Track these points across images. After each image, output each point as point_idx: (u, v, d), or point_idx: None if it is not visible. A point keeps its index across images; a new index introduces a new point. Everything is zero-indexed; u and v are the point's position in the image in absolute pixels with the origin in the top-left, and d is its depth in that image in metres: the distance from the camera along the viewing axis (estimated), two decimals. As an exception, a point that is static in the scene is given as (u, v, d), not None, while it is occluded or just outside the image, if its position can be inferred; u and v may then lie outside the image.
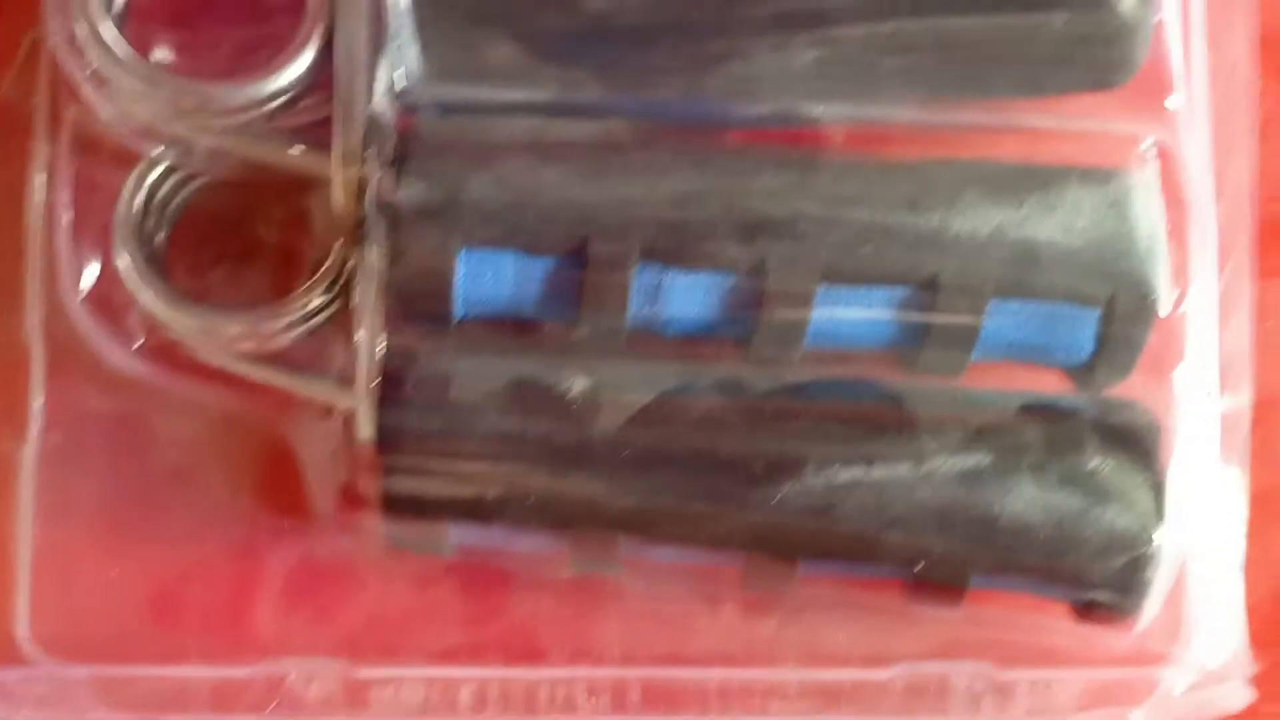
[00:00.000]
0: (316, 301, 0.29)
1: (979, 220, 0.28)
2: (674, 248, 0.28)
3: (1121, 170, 0.29)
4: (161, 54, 0.30)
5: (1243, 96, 0.32)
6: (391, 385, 0.29)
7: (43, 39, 0.30)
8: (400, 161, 0.28)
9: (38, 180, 0.30)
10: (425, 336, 0.29)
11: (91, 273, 0.30)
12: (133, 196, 0.29)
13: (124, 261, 0.29)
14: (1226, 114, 0.31)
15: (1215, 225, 0.30)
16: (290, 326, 0.30)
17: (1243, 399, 0.31)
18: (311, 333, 0.30)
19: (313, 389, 0.30)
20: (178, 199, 0.30)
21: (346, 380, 0.29)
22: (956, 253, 0.28)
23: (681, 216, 0.28)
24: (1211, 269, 0.30)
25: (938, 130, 0.30)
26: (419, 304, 0.28)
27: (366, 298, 0.28)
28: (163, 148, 0.29)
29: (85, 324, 0.29)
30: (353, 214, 0.29)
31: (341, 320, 0.30)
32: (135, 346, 0.29)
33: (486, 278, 0.28)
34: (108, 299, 0.29)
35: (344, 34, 0.28)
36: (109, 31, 0.28)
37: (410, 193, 0.28)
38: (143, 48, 0.30)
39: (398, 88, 0.29)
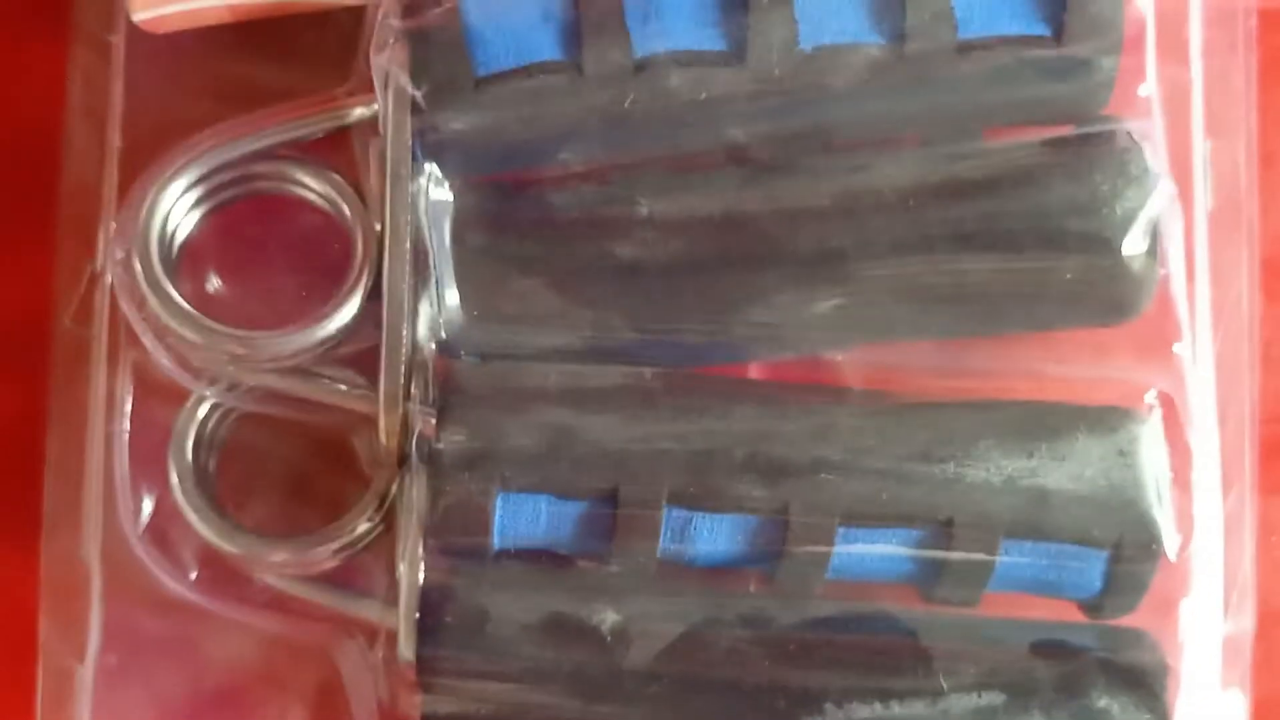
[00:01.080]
0: (361, 528, 0.31)
1: (991, 469, 0.30)
2: (701, 492, 0.30)
3: (1128, 418, 0.30)
4: (212, 286, 0.33)
5: (1245, 330, 0.33)
6: (431, 612, 0.30)
7: (102, 271, 0.32)
8: (441, 408, 0.30)
9: (95, 411, 0.32)
10: (464, 569, 0.30)
11: (149, 506, 0.31)
12: (185, 433, 0.31)
13: (178, 496, 0.31)
14: (1230, 348, 0.33)
15: (1219, 463, 0.32)
16: (336, 552, 0.31)
17: (1245, 621, 0.33)
18: (356, 555, 0.32)
19: (357, 609, 0.32)
20: (226, 432, 0.32)
21: (390, 602, 0.31)
22: (970, 499, 0.30)
23: (708, 464, 0.30)
24: (1216, 510, 0.31)
25: (953, 374, 0.32)
26: (458, 541, 0.30)
27: (408, 533, 0.30)
28: (212, 385, 0.31)
29: (143, 555, 0.31)
30: (396, 450, 0.31)
31: (385, 543, 0.32)
32: (191, 577, 0.31)
33: (522, 518, 0.30)
34: (164, 533, 0.31)
35: (391, 284, 0.30)
36: (163, 281, 0.30)
37: (451, 441, 0.29)
38: (196, 285, 0.32)
39: (439, 332, 0.31)
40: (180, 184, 0.31)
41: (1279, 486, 0.34)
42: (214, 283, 0.32)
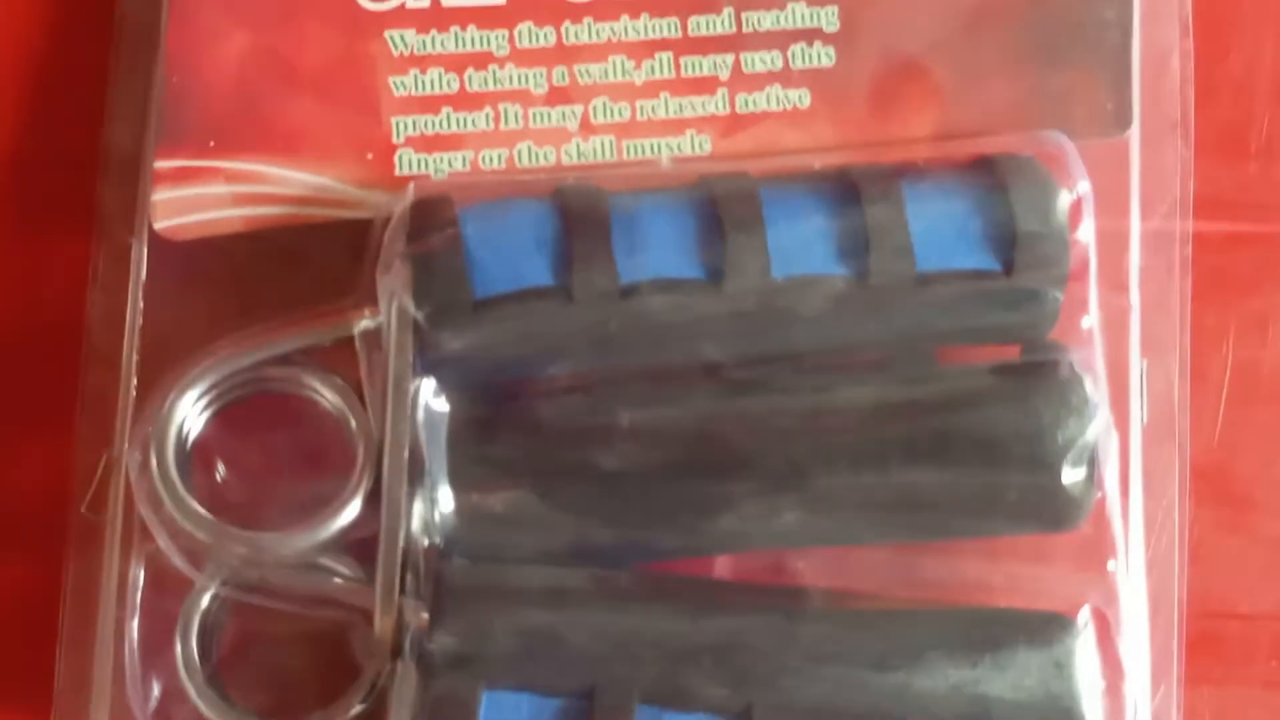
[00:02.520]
0: (354, 712, 0.33)
1: (939, 678, 0.32)
2: (670, 692, 0.32)
3: (1065, 631, 0.33)
4: (219, 475, 0.35)
5: (1176, 535, 0.36)
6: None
7: (117, 463, 0.34)
8: (433, 611, 0.32)
9: (108, 595, 0.34)
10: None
11: (157, 689, 0.33)
12: (190, 621, 0.33)
13: (184, 682, 0.33)
14: (1162, 553, 0.36)
15: (1149, 664, 0.35)
16: (331, 734, 0.34)
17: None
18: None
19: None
20: (230, 618, 0.34)
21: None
22: (919, 705, 0.32)
23: (677, 666, 0.32)
24: (1145, 711, 0.34)
25: (905, 580, 0.34)
26: (447, 731, 0.33)
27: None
28: (214, 577, 0.33)
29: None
30: (390, 642, 0.33)
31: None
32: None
33: (505, 713, 0.32)
34: (171, 715, 0.33)
35: (389, 493, 0.32)
36: (179, 488, 0.32)
37: (441, 643, 0.32)
38: (204, 475, 0.34)
39: (434, 532, 0.33)
40: (195, 391, 0.33)
41: (1205, 678, 0.37)
42: (221, 471, 0.35)
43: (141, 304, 0.35)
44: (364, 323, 0.34)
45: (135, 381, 0.34)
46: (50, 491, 0.35)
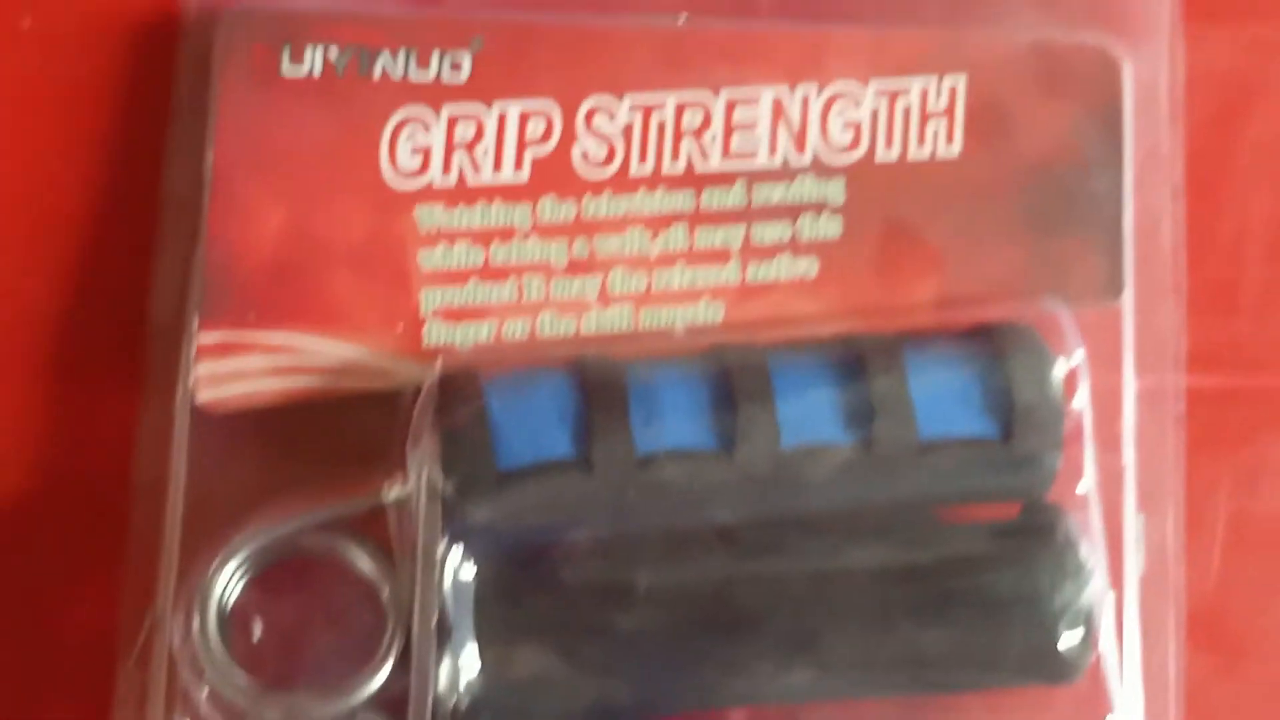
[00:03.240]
0: None
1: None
2: None
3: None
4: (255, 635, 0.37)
5: (1172, 687, 0.37)
6: None
7: (161, 623, 0.36)
8: (461, 774, 0.34)
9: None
10: None
11: None
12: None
13: None
14: (1158, 705, 0.37)
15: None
16: None
17: None
18: None
19: None
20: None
21: None
22: None
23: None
24: None
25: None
26: None
27: None
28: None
29: None
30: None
31: None
32: None
33: None
34: None
35: (418, 660, 0.34)
36: (220, 657, 0.34)
37: (468, 805, 0.34)
38: (241, 633, 0.36)
39: (460, 697, 0.35)
40: (235, 561, 0.35)
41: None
42: (258, 632, 0.37)
43: (184, 471, 0.37)
44: (395, 492, 0.36)
45: (179, 544, 0.36)
46: (97, 645, 0.37)
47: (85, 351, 0.39)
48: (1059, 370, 0.36)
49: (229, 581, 0.35)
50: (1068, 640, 0.35)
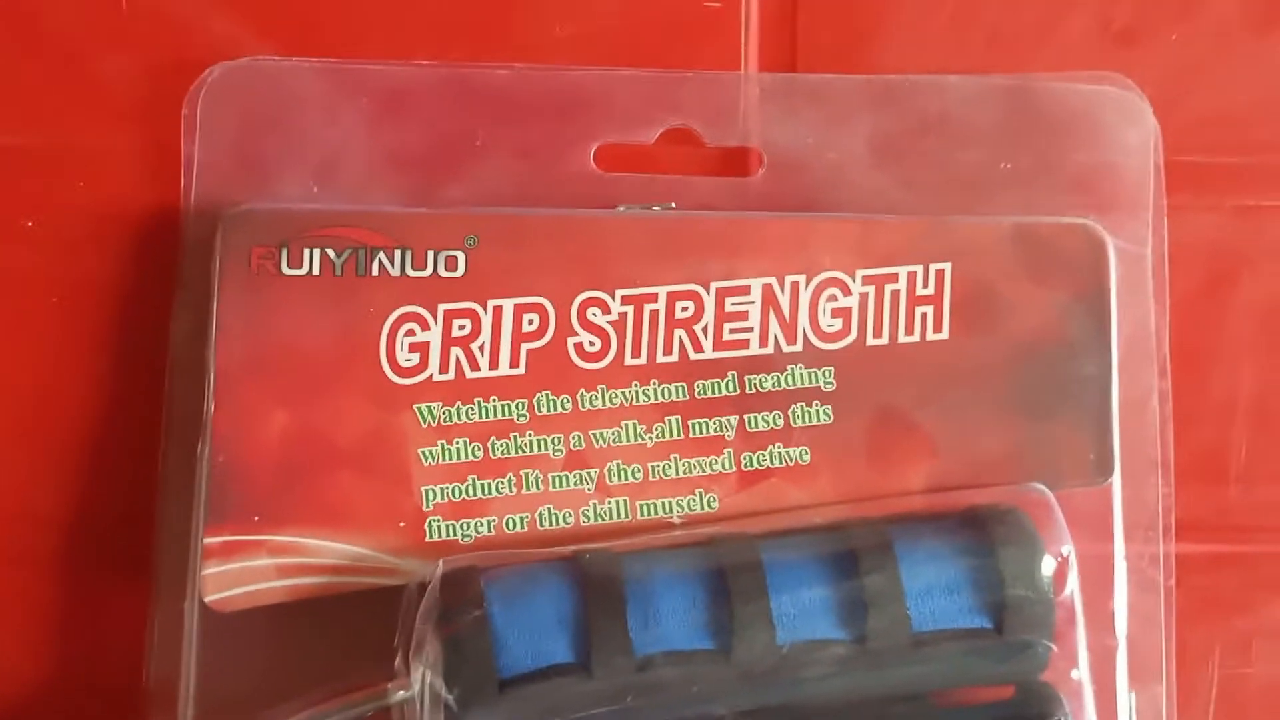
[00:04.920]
0: None
1: None
2: None
3: None
4: None
5: None
6: None
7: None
8: None
9: None
10: None
11: None
12: None
13: None
14: None
15: None
16: None
17: None
18: None
19: None
20: None
21: None
22: None
23: None
24: None
25: None
26: None
27: None
28: None
29: None
30: None
31: None
32: None
33: None
34: None
35: None
36: None
37: None
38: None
39: None
40: (246, 767, 0.36)
41: None
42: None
43: (195, 669, 0.37)
44: (399, 694, 0.36)
45: (192, 745, 0.38)
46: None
47: (94, 553, 0.40)
48: (1048, 562, 0.37)
49: (240, 787, 0.37)
50: (1062, 834, 0.36)
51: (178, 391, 0.39)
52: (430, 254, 0.39)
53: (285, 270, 0.39)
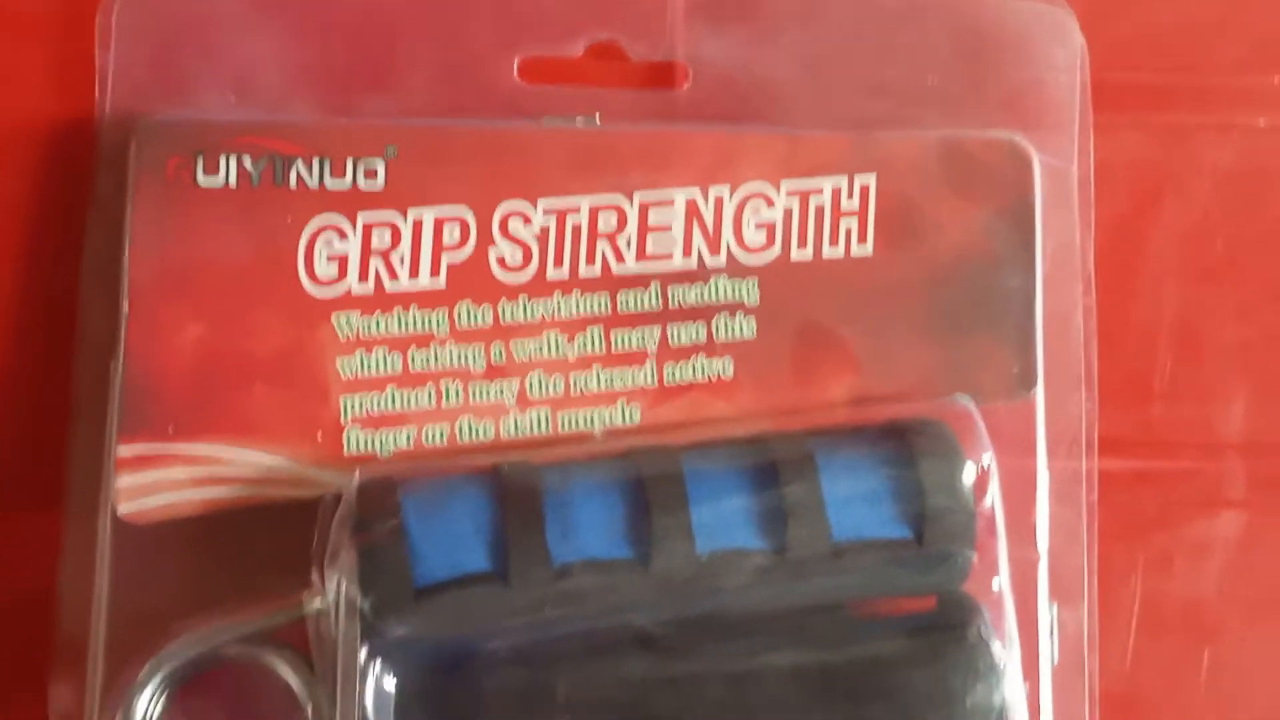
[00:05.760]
0: None
1: None
2: None
3: None
4: None
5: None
6: None
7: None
8: None
9: None
10: None
11: None
12: None
13: None
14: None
15: None
16: None
17: None
18: None
19: None
20: None
21: None
22: None
23: None
24: None
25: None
26: None
27: None
28: None
29: None
30: None
31: None
32: None
33: None
34: None
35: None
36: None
37: None
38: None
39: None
40: (160, 675, 0.35)
41: None
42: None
43: (108, 587, 0.37)
44: (315, 604, 0.36)
45: (104, 659, 0.36)
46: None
47: (5, 471, 0.39)
48: (969, 472, 0.36)
49: (153, 695, 0.36)
50: (974, 739, 0.36)
51: (92, 306, 0.38)
52: (349, 163, 0.38)
53: (201, 181, 0.38)
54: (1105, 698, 0.39)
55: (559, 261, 0.38)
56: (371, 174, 0.38)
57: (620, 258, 0.39)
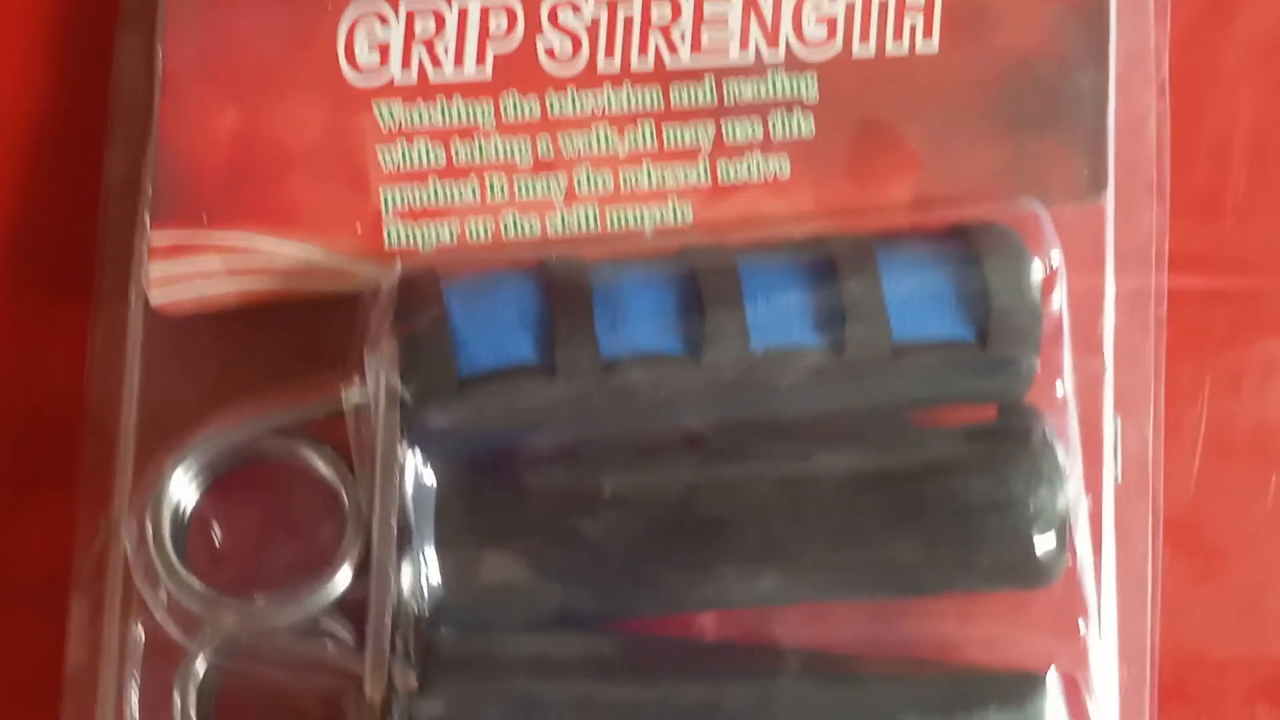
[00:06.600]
0: (349, 770, 0.35)
1: (911, 747, 0.34)
2: (652, 758, 0.33)
3: (1035, 691, 0.34)
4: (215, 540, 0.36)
5: (1148, 588, 0.37)
6: None
7: (117, 529, 0.35)
8: (421, 680, 0.33)
9: (109, 657, 0.35)
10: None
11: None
12: (186, 686, 0.34)
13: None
14: (1135, 605, 0.37)
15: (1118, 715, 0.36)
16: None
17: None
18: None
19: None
20: (226, 680, 0.35)
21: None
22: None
23: (660, 736, 0.34)
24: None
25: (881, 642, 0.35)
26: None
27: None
28: (208, 645, 0.34)
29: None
30: (380, 706, 0.34)
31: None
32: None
33: (493, 781, 0.34)
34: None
35: (378, 566, 0.33)
36: (175, 563, 0.33)
37: (430, 711, 0.33)
38: (200, 540, 0.35)
39: (422, 600, 0.34)
40: (190, 465, 0.34)
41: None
42: (218, 537, 0.36)
43: (138, 378, 0.36)
44: (355, 397, 0.35)
45: (134, 452, 0.36)
46: (52, 561, 0.36)
47: (36, 260, 0.38)
48: (1037, 272, 0.35)
49: (185, 487, 0.35)
50: (1042, 545, 0.34)
51: (124, 92, 0.37)
52: (392, -54, 0.37)
53: (238, -39, 0.37)
54: (1168, 519, 0.38)
55: (610, 53, 0.37)
56: (416, -43, 0.37)
57: (674, 50, 0.37)
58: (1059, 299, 0.35)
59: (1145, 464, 0.37)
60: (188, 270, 0.36)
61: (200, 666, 0.34)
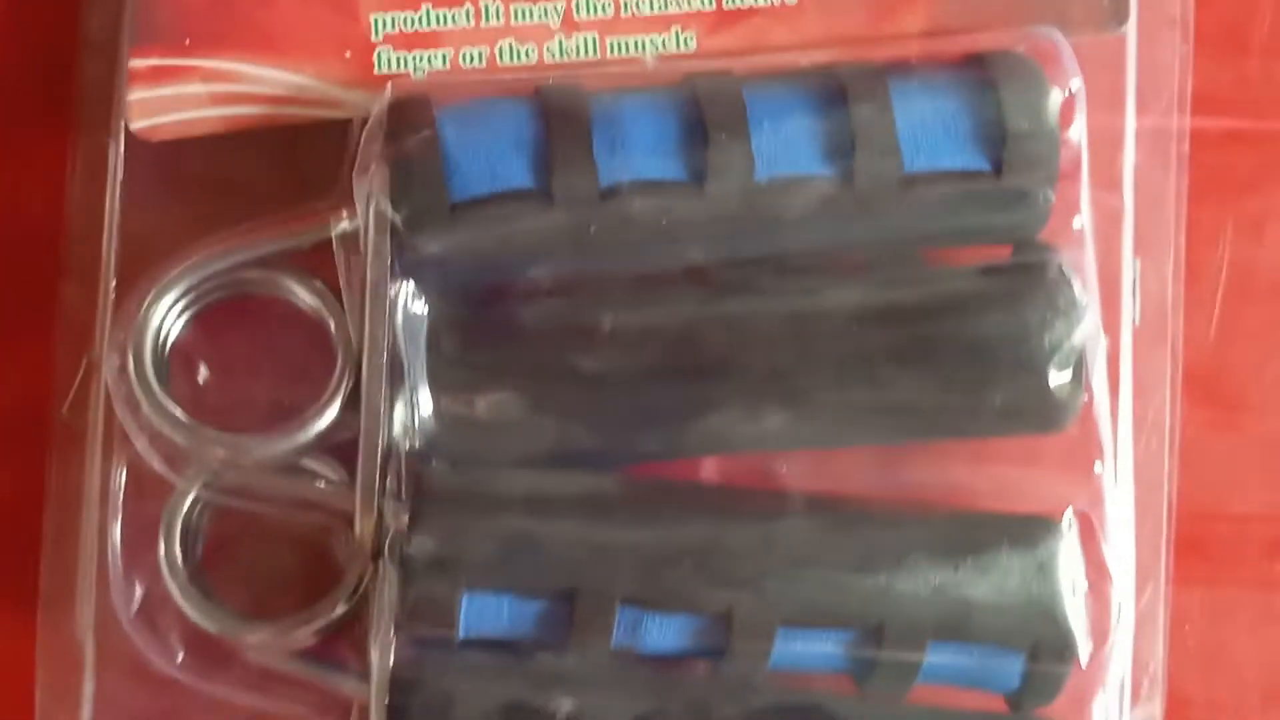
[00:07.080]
0: (337, 613, 0.33)
1: (920, 581, 0.32)
2: (652, 596, 0.32)
3: (1048, 533, 0.33)
4: (200, 378, 0.35)
5: (1166, 436, 0.36)
6: (400, 696, 0.32)
7: (98, 364, 0.34)
8: (413, 514, 0.32)
9: (90, 498, 0.34)
10: (430, 658, 0.32)
11: (140, 591, 0.33)
12: (173, 524, 0.33)
13: (167, 582, 0.33)
14: (1152, 454, 0.35)
15: (1134, 566, 0.35)
16: (312, 634, 0.34)
17: (1155, 708, 0.35)
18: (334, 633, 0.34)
19: (334, 684, 0.34)
20: (212, 521, 0.34)
21: (364, 680, 0.33)
22: (900, 607, 0.32)
23: (659, 569, 0.32)
24: (1129, 613, 0.34)
25: (890, 486, 0.34)
26: (425, 633, 0.32)
27: (380, 624, 0.32)
28: (195, 480, 0.33)
29: (134, 637, 0.33)
30: (371, 544, 0.33)
31: (359, 625, 0.34)
32: (179, 659, 0.33)
33: (486, 615, 0.32)
34: (154, 617, 0.33)
35: (368, 397, 0.32)
36: (158, 392, 0.32)
37: (421, 546, 0.32)
38: (185, 377, 0.34)
39: (414, 435, 0.33)
40: (173, 295, 0.33)
41: (1192, 579, 0.37)
42: (202, 374, 0.35)
43: (119, 206, 0.34)
44: (342, 225, 0.33)
45: (114, 285, 0.34)
46: (32, 397, 0.35)
47: (13, 96, 0.37)
48: (1055, 99, 0.33)
49: (167, 316, 0.33)
50: (1057, 380, 0.32)
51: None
52: None
53: None
54: (1188, 365, 0.36)
55: None
56: None
57: None
58: (1078, 130, 0.34)
59: (1165, 308, 0.36)
60: (169, 95, 0.34)
61: (187, 503, 0.33)
